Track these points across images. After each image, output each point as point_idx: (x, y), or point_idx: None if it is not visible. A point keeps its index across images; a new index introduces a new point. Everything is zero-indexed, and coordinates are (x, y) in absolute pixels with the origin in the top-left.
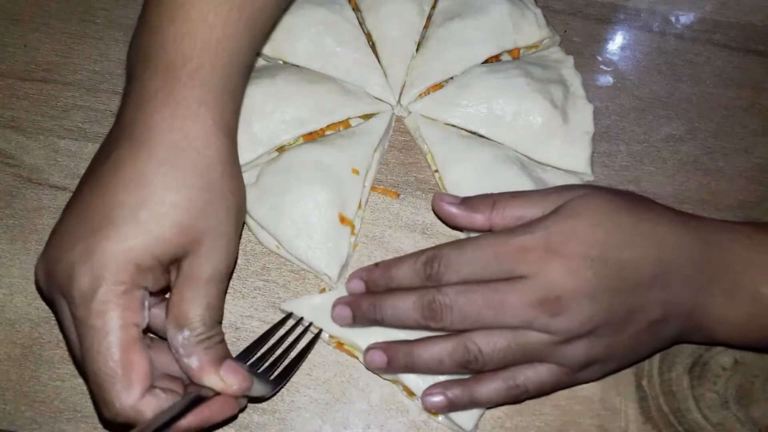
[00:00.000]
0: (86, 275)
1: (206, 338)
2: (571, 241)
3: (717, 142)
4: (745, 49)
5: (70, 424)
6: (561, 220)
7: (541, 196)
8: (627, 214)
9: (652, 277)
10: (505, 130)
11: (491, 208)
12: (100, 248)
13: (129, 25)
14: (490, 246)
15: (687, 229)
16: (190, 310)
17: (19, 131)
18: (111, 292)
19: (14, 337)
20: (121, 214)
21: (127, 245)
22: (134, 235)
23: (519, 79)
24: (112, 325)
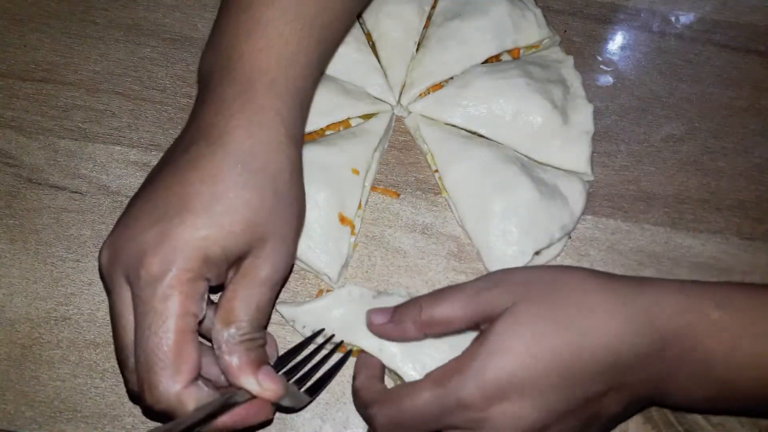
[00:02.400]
0: (158, 257)
1: (250, 339)
2: (508, 386)
3: (717, 142)
4: (745, 48)
5: (70, 424)
6: (492, 360)
7: (470, 297)
8: (564, 326)
9: (606, 384)
10: (505, 130)
11: (419, 314)
12: (175, 233)
13: (129, 25)
14: (426, 403)
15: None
16: (240, 308)
17: (19, 131)
18: (178, 278)
19: (14, 337)
20: (197, 204)
21: (201, 234)
22: (208, 225)
23: (519, 79)
24: (173, 310)
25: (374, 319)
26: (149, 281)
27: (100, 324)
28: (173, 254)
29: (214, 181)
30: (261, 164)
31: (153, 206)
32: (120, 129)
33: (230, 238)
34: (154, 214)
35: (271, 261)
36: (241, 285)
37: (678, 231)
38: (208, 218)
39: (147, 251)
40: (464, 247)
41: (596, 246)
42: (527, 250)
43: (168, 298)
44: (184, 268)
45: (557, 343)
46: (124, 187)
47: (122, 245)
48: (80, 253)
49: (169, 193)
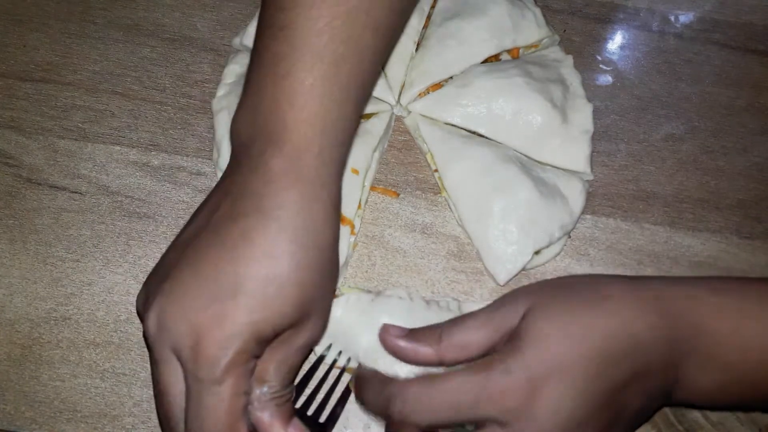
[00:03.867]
0: (215, 342)
1: (279, 396)
2: (549, 371)
3: (716, 141)
4: (744, 48)
5: (70, 424)
6: (532, 346)
7: (485, 319)
8: (585, 312)
9: (632, 373)
10: (504, 129)
11: (438, 339)
12: (231, 317)
13: (129, 25)
14: (466, 388)
15: (649, 307)
16: (275, 370)
17: (19, 131)
18: (234, 362)
19: (14, 337)
20: (251, 287)
21: (255, 318)
22: (262, 308)
23: (518, 79)
24: (229, 392)
25: (391, 331)
26: (206, 364)
27: (100, 324)
28: (230, 339)
29: (268, 261)
30: (312, 240)
31: (204, 282)
32: (120, 129)
33: (280, 319)
34: (206, 293)
35: (309, 331)
36: (278, 350)
37: (677, 230)
38: (263, 301)
39: (204, 335)
40: (464, 247)
41: (596, 245)
42: (527, 249)
43: (224, 381)
44: (240, 351)
45: (584, 327)
46: (124, 187)
47: (173, 321)
48: (80, 253)
49: (222, 271)
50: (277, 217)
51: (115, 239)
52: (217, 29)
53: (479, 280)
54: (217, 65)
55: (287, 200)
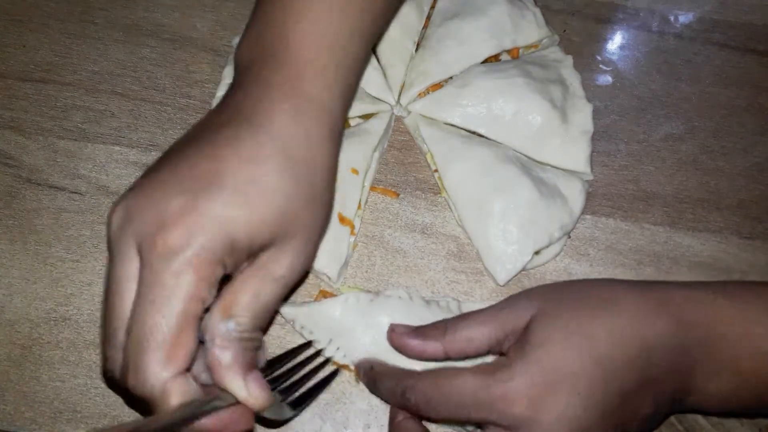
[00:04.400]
0: (180, 229)
1: (247, 337)
2: (554, 379)
3: (716, 141)
4: (744, 48)
5: (70, 425)
6: (537, 353)
7: (491, 315)
8: (592, 317)
9: (639, 380)
10: (504, 129)
11: (443, 333)
12: (202, 207)
13: (128, 25)
14: (468, 388)
15: (657, 311)
16: (247, 302)
17: (19, 131)
18: (197, 256)
19: (14, 337)
20: (230, 182)
21: (230, 214)
22: (239, 206)
23: (518, 79)
24: (184, 289)
25: (396, 329)
26: (165, 253)
27: (100, 324)
28: (197, 229)
29: (252, 161)
30: (303, 155)
31: (179, 176)
32: (119, 129)
33: (260, 225)
34: (180, 185)
35: (291, 258)
36: (253, 277)
37: (677, 230)
38: (241, 199)
39: (168, 220)
40: (464, 247)
41: (595, 245)
42: (527, 249)
43: (181, 274)
44: (205, 247)
45: (590, 333)
46: (123, 187)
47: (140, 210)
48: (80, 253)
49: (200, 166)
50: (267, 127)
51: None
52: (217, 29)
53: (479, 280)
54: (217, 65)
55: (280, 113)
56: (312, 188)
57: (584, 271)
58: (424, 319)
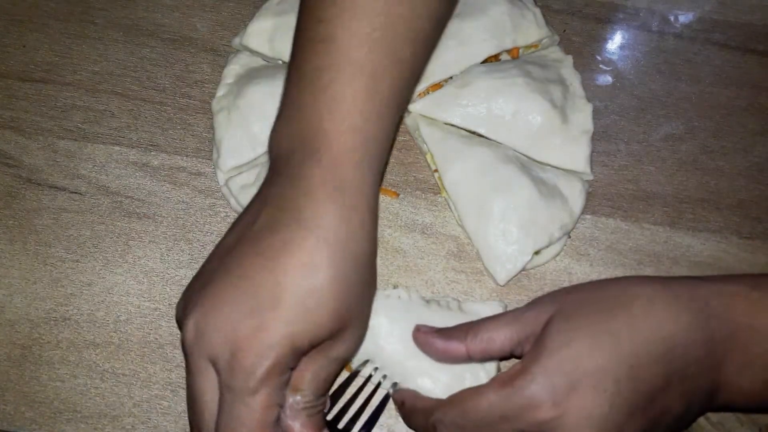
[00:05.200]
0: (252, 353)
1: (312, 406)
2: (576, 378)
3: (716, 141)
4: (743, 48)
5: (70, 425)
6: (556, 354)
7: (513, 317)
8: (614, 315)
9: (667, 377)
10: (504, 129)
11: (466, 335)
12: (269, 328)
13: (128, 25)
14: (492, 405)
15: (683, 306)
16: (309, 379)
17: (19, 131)
18: (270, 373)
19: (14, 337)
20: (290, 299)
21: (293, 329)
22: (301, 321)
23: (518, 79)
24: (262, 403)
25: (422, 328)
26: (242, 375)
27: (100, 324)
28: (267, 350)
29: (308, 272)
30: (351, 251)
31: (243, 292)
32: (119, 129)
33: (318, 331)
34: (245, 303)
35: (346, 343)
36: (314, 360)
37: (677, 230)
38: (301, 313)
39: (241, 345)
40: (464, 247)
41: (596, 245)
42: (527, 249)
43: (257, 392)
44: (276, 363)
45: (613, 331)
46: (123, 187)
47: (212, 330)
48: (80, 253)
49: (261, 281)
50: (315, 228)
51: (115, 239)
52: (217, 29)
53: (479, 280)
54: (217, 65)
55: (326, 211)
56: (362, 281)
57: (584, 271)
58: (423, 319)
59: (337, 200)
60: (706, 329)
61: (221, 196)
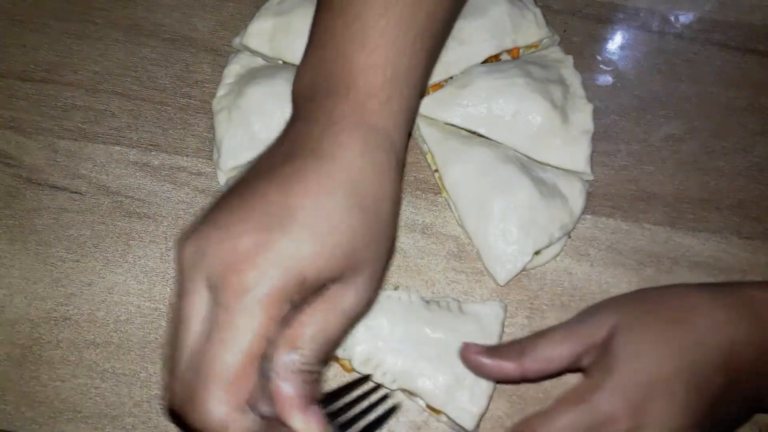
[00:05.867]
0: (251, 269)
1: (309, 370)
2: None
3: (716, 141)
4: (744, 48)
5: (70, 425)
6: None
7: (568, 331)
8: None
9: (728, 384)
10: (504, 129)
11: (520, 354)
12: (276, 245)
13: (128, 25)
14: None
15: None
16: (311, 334)
17: (19, 131)
18: (269, 296)
19: (14, 337)
20: (302, 218)
21: (302, 252)
22: (310, 243)
23: (519, 79)
24: (253, 328)
25: (471, 348)
26: (238, 292)
27: (100, 324)
28: (269, 268)
29: (322, 197)
30: (370, 188)
31: (250, 211)
32: (120, 129)
33: (329, 261)
34: (252, 220)
35: (358, 292)
36: (319, 311)
37: (678, 230)
38: (311, 235)
39: (243, 259)
40: (464, 247)
41: (596, 245)
42: (527, 249)
43: (252, 314)
44: (277, 287)
45: (677, 340)
46: (124, 187)
47: (213, 246)
48: (80, 253)
49: (270, 201)
50: (334, 158)
51: (115, 239)
52: (217, 29)
53: (479, 280)
54: (217, 65)
55: (347, 144)
56: (379, 222)
57: (584, 271)
58: (423, 319)
59: (360, 136)
60: (761, 334)
61: None
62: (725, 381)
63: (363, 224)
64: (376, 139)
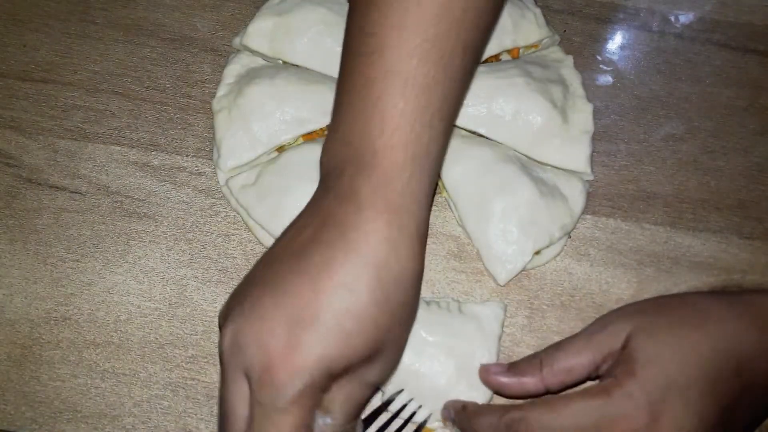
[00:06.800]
0: (285, 370)
1: (341, 430)
2: (669, 392)
3: (716, 141)
4: (744, 48)
5: (70, 425)
6: (648, 369)
7: (586, 341)
8: (690, 329)
9: (741, 390)
10: (504, 129)
11: (539, 368)
12: (305, 347)
13: (128, 25)
14: (587, 412)
15: (751, 322)
16: (340, 402)
17: (19, 131)
18: (302, 394)
19: (14, 337)
20: (330, 319)
21: (330, 351)
22: (337, 342)
23: (519, 79)
24: (291, 424)
25: (492, 369)
26: (273, 392)
27: (100, 324)
28: (300, 369)
29: (348, 294)
30: (395, 274)
31: (282, 307)
32: (120, 129)
33: (354, 355)
34: (282, 317)
35: (381, 368)
36: (346, 384)
37: (678, 230)
38: (338, 334)
39: (275, 361)
40: (464, 247)
41: (596, 245)
42: (527, 249)
43: (288, 412)
44: (309, 383)
45: (694, 346)
46: (124, 187)
47: (248, 342)
48: (80, 253)
49: (301, 299)
50: (359, 248)
51: (115, 239)
52: (217, 29)
53: (479, 280)
54: (217, 65)
55: (372, 231)
56: (403, 304)
57: (584, 271)
58: (423, 319)
59: (385, 220)
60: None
61: (221, 196)
62: (738, 387)
63: (388, 313)
64: (401, 222)
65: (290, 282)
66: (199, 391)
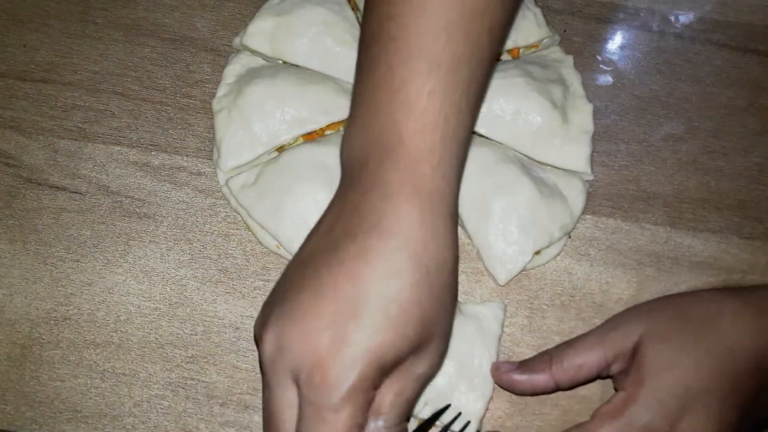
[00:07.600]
0: (336, 367)
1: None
2: (686, 399)
3: (716, 141)
4: (744, 48)
5: (70, 425)
6: (662, 378)
7: (597, 339)
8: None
9: (758, 389)
10: (504, 129)
11: (549, 364)
12: (352, 339)
13: (128, 25)
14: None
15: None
16: (391, 400)
17: (19, 131)
18: (354, 390)
19: (14, 337)
20: (373, 308)
21: (378, 341)
22: (385, 329)
23: (519, 79)
24: (345, 422)
25: (501, 367)
26: (324, 390)
27: (100, 324)
28: (351, 363)
29: (389, 279)
30: (432, 257)
31: (323, 303)
32: (120, 129)
33: (403, 342)
34: (326, 313)
35: (429, 359)
36: (396, 380)
37: (678, 230)
38: (385, 322)
39: (324, 358)
40: (464, 247)
41: (596, 245)
42: (527, 249)
43: (341, 409)
44: (360, 378)
45: (709, 347)
46: (124, 187)
47: (292, 343)
48: (80, 253)
49: (341, 290)
50: (395, 234)
51: (115, 239)
52: (217, 29)
53: (479, 280)
54: (217, 65)
55: (406, 216)
56: (444, 289)
57: (584, 271)
58: None
59: (417, 204)
60: None
61: (221, 196)
62: (756, 388)
63: (430, 298)
64: (432, 206)
65: (328, 277)
66: (199, 391)
